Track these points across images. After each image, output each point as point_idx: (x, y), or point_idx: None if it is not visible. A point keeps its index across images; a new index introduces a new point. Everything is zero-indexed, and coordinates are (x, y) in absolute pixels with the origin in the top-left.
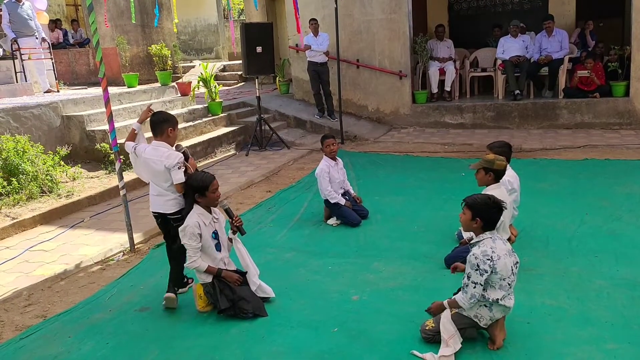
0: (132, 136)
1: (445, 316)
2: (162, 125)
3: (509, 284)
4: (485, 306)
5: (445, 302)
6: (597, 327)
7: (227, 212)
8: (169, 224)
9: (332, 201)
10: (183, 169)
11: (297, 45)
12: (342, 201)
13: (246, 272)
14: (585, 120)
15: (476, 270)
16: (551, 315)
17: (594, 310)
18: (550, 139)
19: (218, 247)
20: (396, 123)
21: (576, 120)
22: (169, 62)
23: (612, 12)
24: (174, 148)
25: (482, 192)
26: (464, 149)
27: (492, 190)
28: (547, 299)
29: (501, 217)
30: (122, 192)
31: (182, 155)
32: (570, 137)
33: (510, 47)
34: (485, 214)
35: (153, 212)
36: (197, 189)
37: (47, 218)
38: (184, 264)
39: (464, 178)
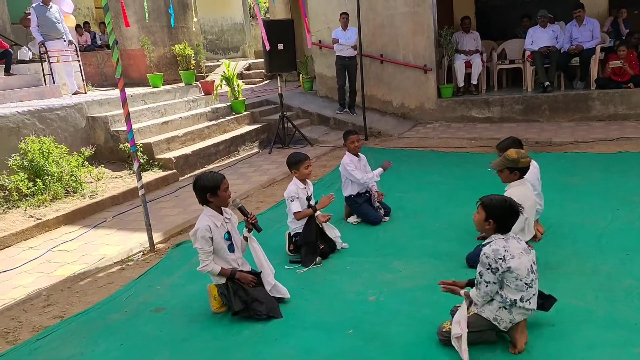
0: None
1: (462, 315)
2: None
3: (527, 284)
4: (505, 308)
5: (462, 292)
6: (625, 329)
7: (241, 210)
8: None
9: (375, 180)
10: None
11: (320, 41)
12: (378, 175)
13: (260, 272)
14: (619, 112)
15: (487, 269)
16: (577, 317)
17: (623, 311)
18: (582, 131)
19: (231, 248)
20: (421, 118)
21: (609, 111)
22: (192, 62)
23: None
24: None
25: (507, 191)
26: (490, 143)
27: (516, 187)
28: (574, 300)
29: (525, 215)
30: (140, 192)
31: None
32: (603, 129)
33: (539, 37)
34: (500, 216)
35: None
36: (209, 189)
37: (71, 218)
38: (197, 268)
39: (489, 173)
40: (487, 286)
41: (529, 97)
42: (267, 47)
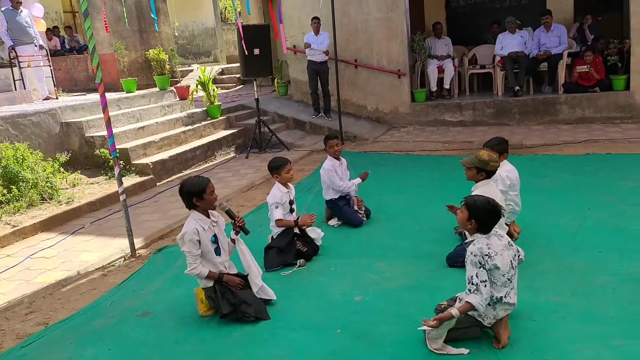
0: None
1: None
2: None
3: (509, 279)
4: (489, 305)
5: (454, 311)
6: (603, 323)
7: (228, 213)
8: None
9: (353, 189)
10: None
11: (294, 46)
12: (356, 186)
13: (247, 274)
14: (586, 115)
15: (480, 267)
16: (556, 312)
17: (600, 306)
18: (551, 134)
19: (218, 252)
20: (396, 122)
21: (577, 115)
22: (167, 67)
23: (610, 5)
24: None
25: (473, 190)
26: (464, 146)
27: (482, 188)
28: (552, 296)
29: None
30: (121, 198)
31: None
32: (571, 132)
33: (508, 43)
34: (482, 217)
35: None
36: (195, 193)
37: (48, 225)
38: (184, 272)
39: (465, 176)
40: (485, 285)
41: (500, 101)
42: (246, 52)
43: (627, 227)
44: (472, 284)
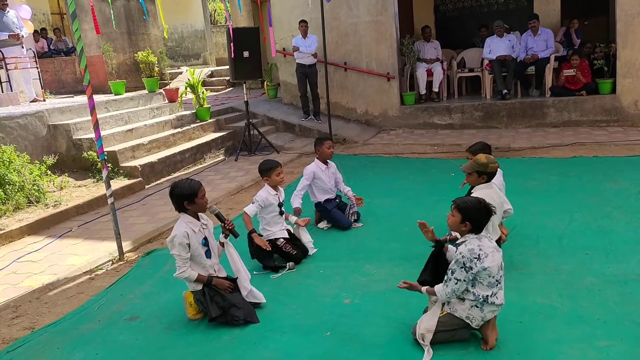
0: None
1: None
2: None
3: (497, 280)
4: (477, 307)
5: (423, 289)
6: (590, 324)
7: (218, 216)
8: None
9: (294, 205)
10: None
11: (284, 49)
12: (296, 204)
13: (237, 278)
14: (573, 118)
15: (461, 267)
16: (543, 314)
17: (586, 307)
18: (539, 137)
19: (208, 254)
20: (385, 125)
21: (564, 118)
22: (156, 69)
23: (596, 10)
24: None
25: (473, 193)
26: (453, 149)
27: (483, 190)
28: (539, 298)
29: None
30: (109, 201)
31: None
32: (558, 135)
33: (496, 46)
34: (475, 218)
35: None
36: (187, 197)
37: (35, 228)
38: (173, 275)
39: (454, 178)
40: (456, 283)
41: (488, 104)
42: (232, 56)
43: (613, 229)
44: (448, 275)
